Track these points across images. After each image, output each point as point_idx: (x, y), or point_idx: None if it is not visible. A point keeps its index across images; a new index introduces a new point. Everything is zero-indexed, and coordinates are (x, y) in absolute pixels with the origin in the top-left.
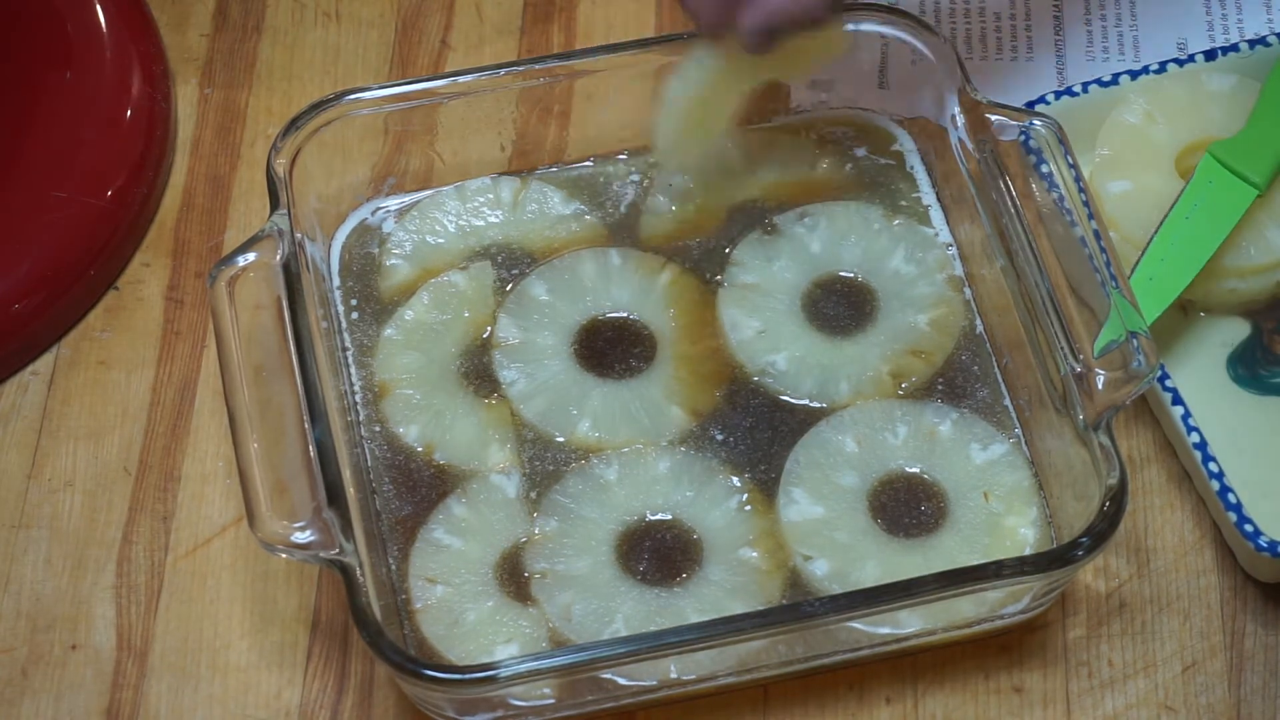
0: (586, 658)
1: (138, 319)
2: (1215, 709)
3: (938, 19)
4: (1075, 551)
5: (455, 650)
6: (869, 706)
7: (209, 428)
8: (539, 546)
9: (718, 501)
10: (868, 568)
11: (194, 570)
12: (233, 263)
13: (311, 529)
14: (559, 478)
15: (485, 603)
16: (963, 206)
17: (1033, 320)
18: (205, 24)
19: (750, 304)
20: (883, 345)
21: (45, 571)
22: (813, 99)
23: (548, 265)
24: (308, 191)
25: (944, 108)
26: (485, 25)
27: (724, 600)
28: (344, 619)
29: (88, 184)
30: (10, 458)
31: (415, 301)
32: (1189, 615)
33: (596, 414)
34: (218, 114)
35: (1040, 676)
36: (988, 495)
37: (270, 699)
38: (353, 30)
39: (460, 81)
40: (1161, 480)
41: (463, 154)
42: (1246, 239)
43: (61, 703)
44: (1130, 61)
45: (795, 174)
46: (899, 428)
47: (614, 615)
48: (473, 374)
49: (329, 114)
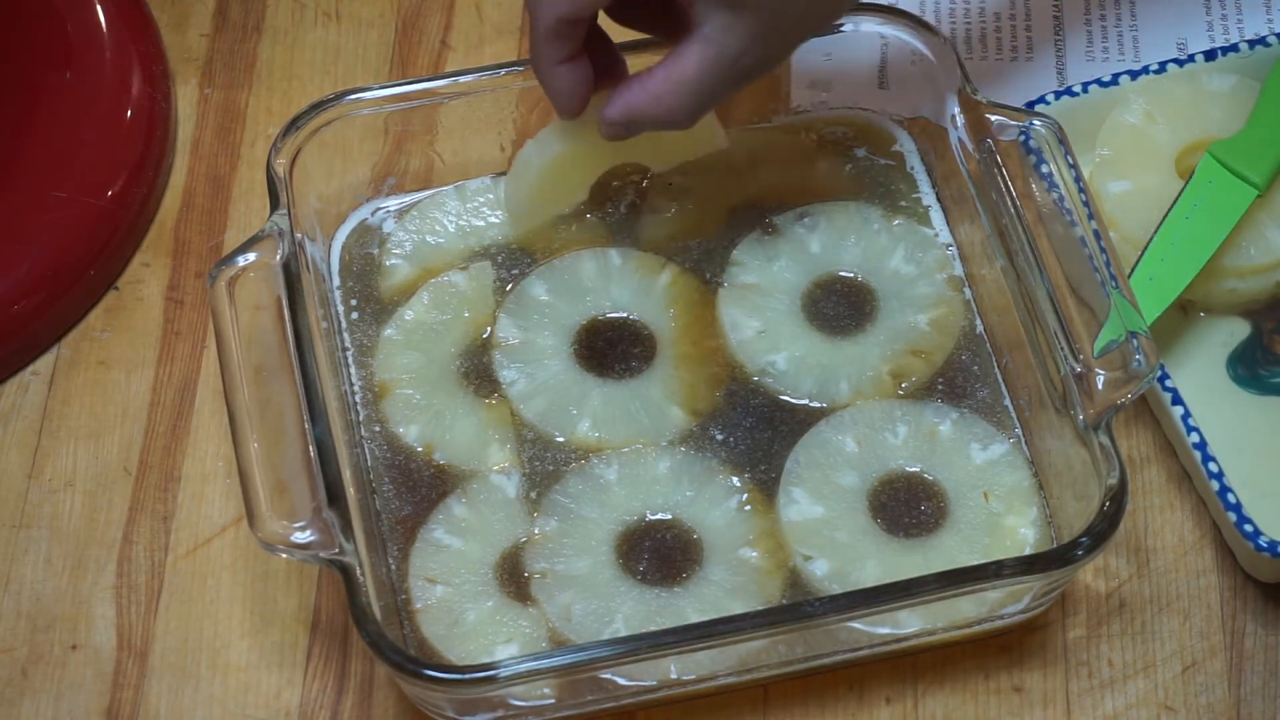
0: (586, 658)
1: (138, 319)
2: (1215, 709)
3: (938, 19)
4: (1075, 551)
5: (455, 650)
6: (869, 706)
7: (209, 428)
8: (539, 546)
9: (718, 501)
10: (868, 568)
11: (194, 570)
12: (233, 263)
13: (311, 529)
14: (559, 478)
15: (485, 603)
16: (963, 207)
17: (1033, 320)
18: (205, 24)
19: (750, 304)
20: (883, 345)
21: (45, 571)
22: (813, 99)
23: (547, 265)
24: (308, 191)
25: (944, 108)
26: (485, 25)
27: (724, 600)
28: (344, 619)
29: (88, 184)
30: (10, 458)
31: (415, 301)
32: (1189, 615)
33: (596, 414)
34: (218, 114)
35: (1040, 676)
36: (988, 495)
37: (270, 699)
38: (353, 30)
39: (460, 81)
40: (1161, 480)
41: (463, 154)
42: (1246, 239)
43: (61, 703)
44: (1130, 61)
45: (795, 174)
46: (899, 427)
47: (614, 615)
48: (473, 374)
49: (329, 114)
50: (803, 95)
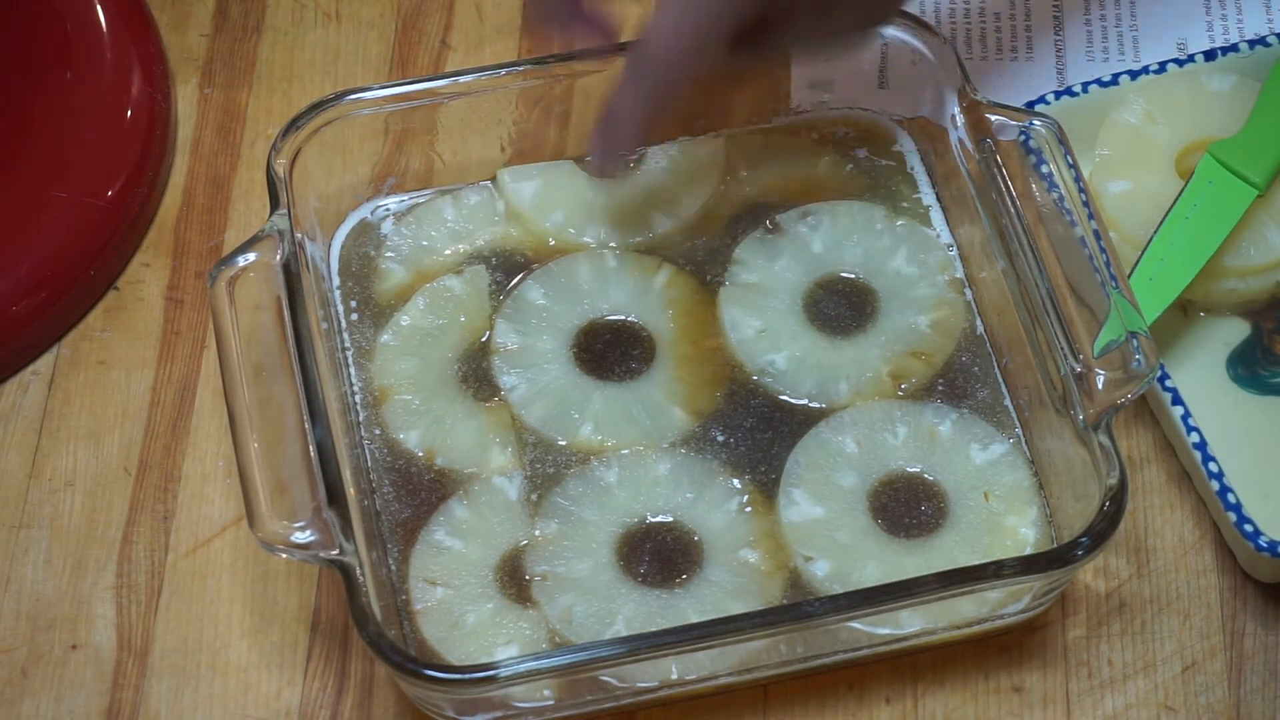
0: (586, 658)
1: (138, 319)
2: (1215, 709)
3: (938, 19)
4: (1075, 551)
5: (455, 652)
6: (869, 706)
7: (209, 428)
8: (540, 549)
9: (718, 503)
10: (868, 568)
11: (194, 570)
12: (233, 263)
13: (311, 529)
14: (560, 480)
15: (485, 605)
16: (963, 207)
17: (1033, 320)
18: (205, 24)
19: (751, 303)
20: (883, 346)
21: (45, 571)
22: (813, 99)
23: (543, 269)
24: (308, 191)
25: (944, 108)
26: (485, 25)
27: (725, 601)
28: (344, 619)
29: (88, 184)
30: (11, 458)
31: (411, 307)
32: (1189, 615)
33: (598, 417)
34: (218, 114)
35: (1040, 676)
36: (988, 495)
37: (270, 699)
38: (353, 30)
39: (460, 81)
40: (1161, 480)
41: (463, 154)
42: (1246, 239)
43: (62, 703)
44: (1130, 61)
45: (795, 174)
46: (899, 428)
47: (615, 617)
48: (471, 378)
49: (329, 114)
50: (803, 95)
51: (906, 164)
